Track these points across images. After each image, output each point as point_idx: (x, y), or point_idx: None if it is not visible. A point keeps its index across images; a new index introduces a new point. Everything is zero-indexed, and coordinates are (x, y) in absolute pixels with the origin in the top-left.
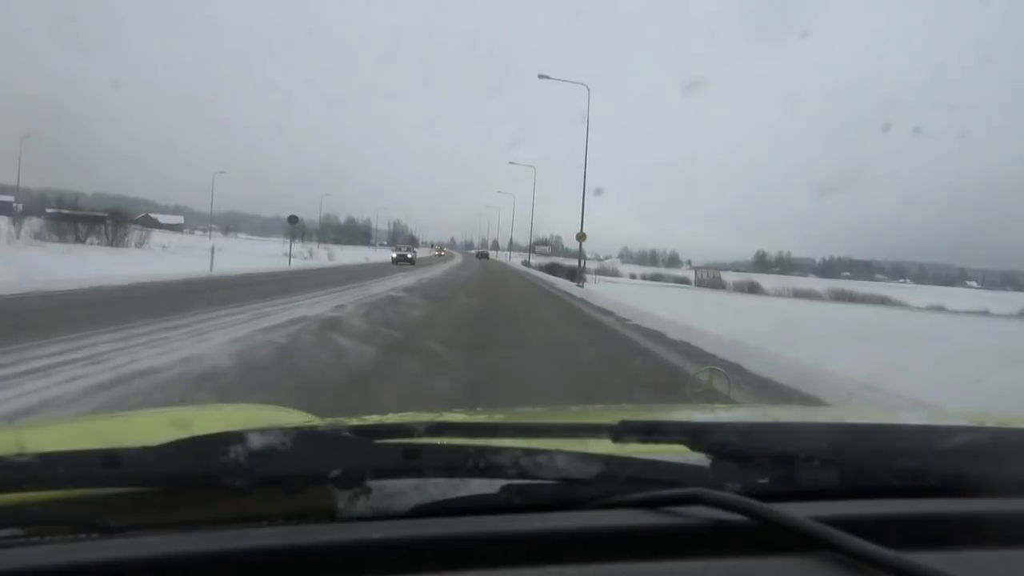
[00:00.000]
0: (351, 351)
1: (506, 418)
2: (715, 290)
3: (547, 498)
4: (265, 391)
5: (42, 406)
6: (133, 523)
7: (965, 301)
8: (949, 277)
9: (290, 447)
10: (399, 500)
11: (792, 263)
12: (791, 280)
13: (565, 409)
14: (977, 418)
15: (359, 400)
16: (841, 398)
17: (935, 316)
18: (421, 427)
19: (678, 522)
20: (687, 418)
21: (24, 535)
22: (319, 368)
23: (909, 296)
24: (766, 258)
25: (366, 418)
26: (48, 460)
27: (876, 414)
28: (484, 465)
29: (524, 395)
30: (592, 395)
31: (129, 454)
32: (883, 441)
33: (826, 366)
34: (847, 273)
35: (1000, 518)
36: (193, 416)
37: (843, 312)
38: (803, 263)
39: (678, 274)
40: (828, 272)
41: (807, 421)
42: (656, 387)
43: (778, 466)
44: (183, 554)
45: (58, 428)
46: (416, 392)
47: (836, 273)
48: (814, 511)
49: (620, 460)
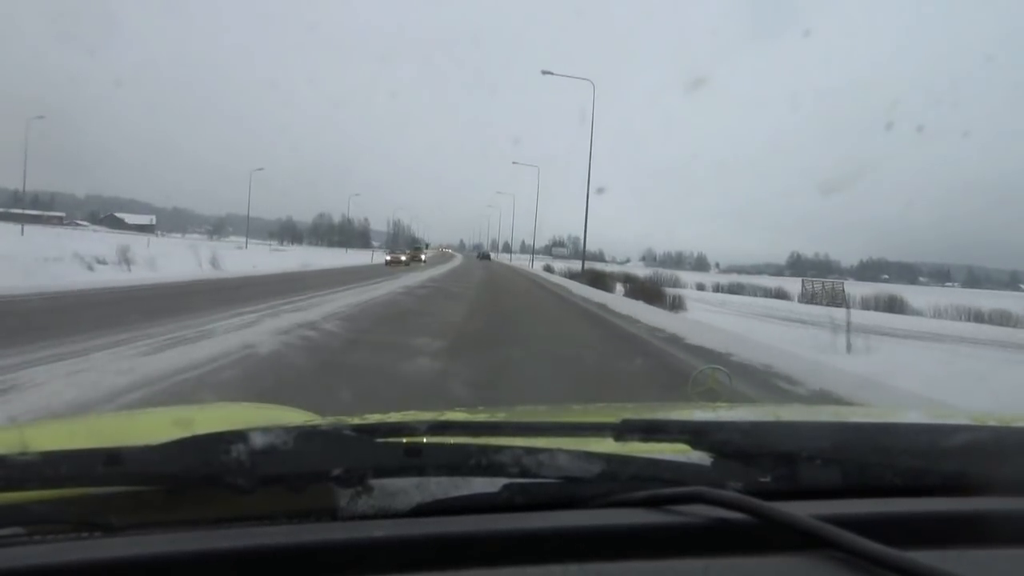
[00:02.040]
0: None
1: (508, 417)
2: (837, 307)
3: (549, 497)
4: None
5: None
6: (135, 522)
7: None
8: (1000, 281)
9: (292, 446)
10: (401, 499)
11: (828, 266)
12: (855, 285)
13: (567, 408)
14: (979, 417)
15: None
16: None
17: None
18: (423, 426)
19: (680, 521)
20: (689, 417)
21: (27, 534)
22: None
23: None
24: (801, 260)
25: (367, 417)
26: (50, 459)
27: (878, 413)
28: (486, 464)
29: None
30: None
31: (131, 453)
32: (885, 440)
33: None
34: (886, 276)
35: (1002, 517)
36: (195, 415)
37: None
38: (834, 266)
39: (759, 283)
40: (865, 275)
41: (809, 420)
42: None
43: (780, 465)
44: (185, 553)
45: (60, 427)
46: None
47: (875, 276)
48: (816, 510)
49: (622, 459)
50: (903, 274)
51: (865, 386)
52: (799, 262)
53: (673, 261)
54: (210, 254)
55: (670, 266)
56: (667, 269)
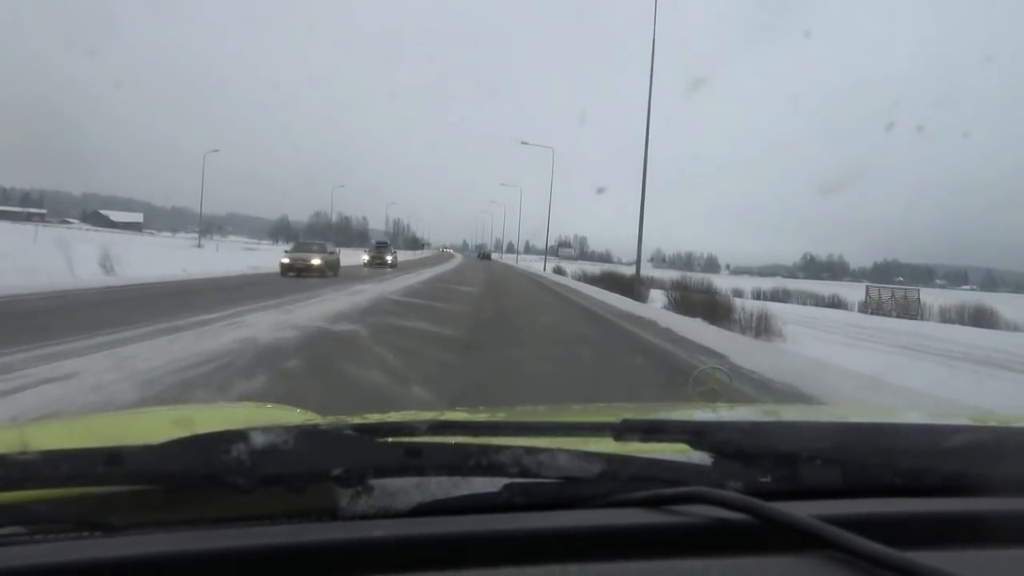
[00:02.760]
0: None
1: (508, 417)
2: (911, 319)
3: (549, 497)
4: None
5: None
6: (136, 521)
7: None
8: (1014, 283)
9: (292, 445)
10: (401, 498)
11: (843, 268)
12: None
13: (567, 408)
14: (979, 417)
15: None
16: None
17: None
18: (423, 425)
19: (680, 521)
20: (689, 417)
21: (27, 533)
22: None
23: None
24: (814, 261)
25: (368, 416)
26: (51, 458)
27: (878, 413)
28: (486, 464)
29: None
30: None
31: (131, 452)
32: (885, 440)
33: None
34: (900, 279)
35: (1002, 517)
36: (195, 414)
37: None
38: (842, 266)
39: (804, 288)
40: (878, 277)
41: (809, 420)
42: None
43: (780, 465)
44: (185, 552)
45: (61, 426)
46: None
47: (888, 278)
48: (816, 510)
49: (622, 459)
50: (918, 276)
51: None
52: (812, 264)
53: (683, 262)
54: (103, 254)
55: (680, 267)
56: (677, 271)
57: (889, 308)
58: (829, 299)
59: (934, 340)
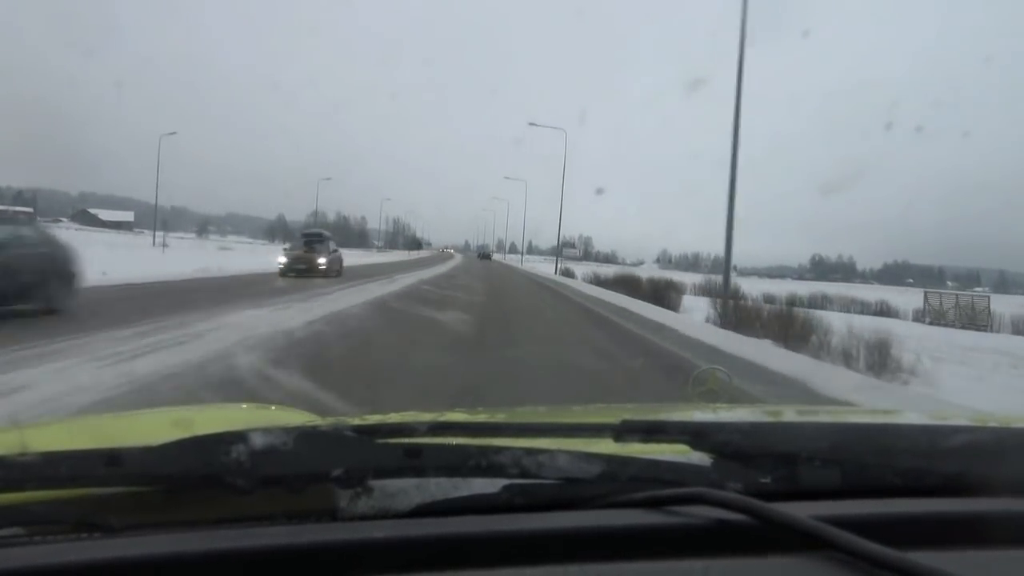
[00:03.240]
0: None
1: (508, 418)
2: (979, 330)
3: (549, 498)
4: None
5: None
6: (135, 522)
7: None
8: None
9: (292, 446)
10: (401, 499)
11: (853, 269)
12: (880, 290)
13: (567, 409)
14: (979, 417)
15: None
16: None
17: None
18: (423, 426)
19: (680, 522)
20: (688, 418)
21: (26, 534)
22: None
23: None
24: (824, 262)
25: (367, 417)
26: (50, 459)
27: (877, 414)
28: (486, 464)
29: None
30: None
31: (131, 454)
32: (885, 440)
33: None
34: (910, 280)
35: (1002, 517)
36: (195, 416)
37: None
38: (851, 267)
39: (846, 293)
40: (887, 278)
41: (809, 421)
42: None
43: (780, 466)
44: (185, 553)
45: (60, 427)
46: None
47: (898, 280)
48: (816, 511)
49: (622, 460)
50: (929, 277)
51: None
52: (821, 264)
53: (689, 263)
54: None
55: (686, 268)
56: (682, 272)
57: (953, 318)
58: (876, 306)
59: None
